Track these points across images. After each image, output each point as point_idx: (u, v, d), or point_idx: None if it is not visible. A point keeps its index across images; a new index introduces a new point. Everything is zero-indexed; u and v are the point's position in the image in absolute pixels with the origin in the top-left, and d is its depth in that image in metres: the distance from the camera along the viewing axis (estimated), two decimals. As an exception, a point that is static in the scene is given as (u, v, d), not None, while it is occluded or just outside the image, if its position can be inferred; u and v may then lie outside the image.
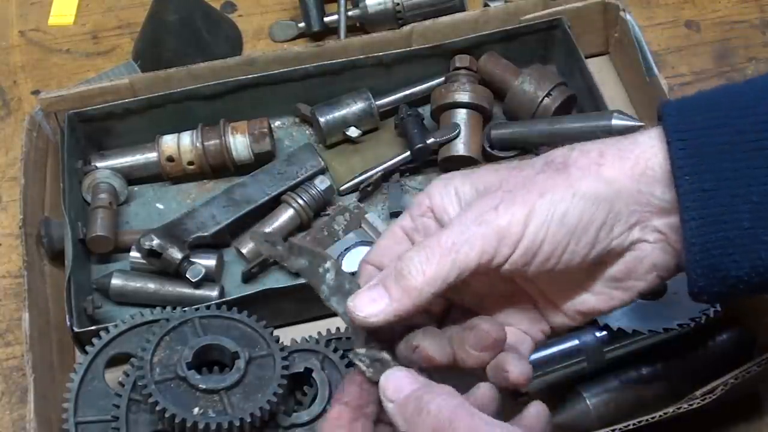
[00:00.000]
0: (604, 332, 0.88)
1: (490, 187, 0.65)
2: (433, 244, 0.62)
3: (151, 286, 0.98)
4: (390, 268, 0.63)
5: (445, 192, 0.67)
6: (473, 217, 0.62)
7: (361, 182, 1.07)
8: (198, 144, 1.07)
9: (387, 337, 0.65)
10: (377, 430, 0.65)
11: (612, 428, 0.79)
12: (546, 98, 1.08)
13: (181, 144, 1.08)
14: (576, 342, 0.88)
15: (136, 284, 0.98)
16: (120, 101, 1.08)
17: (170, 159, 1.07)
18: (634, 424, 0.79)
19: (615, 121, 1.01)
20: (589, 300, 0.67)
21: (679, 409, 0.80)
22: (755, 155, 0.59)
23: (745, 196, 0.59)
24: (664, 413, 0.80)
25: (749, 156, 0.60)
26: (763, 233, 0.59)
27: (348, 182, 1.08)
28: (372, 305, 0.62)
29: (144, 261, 0.98)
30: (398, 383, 0.62)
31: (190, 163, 1.08)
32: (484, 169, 0.68)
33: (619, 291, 0.66)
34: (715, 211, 0.60)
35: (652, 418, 0.80)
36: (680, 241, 0.62)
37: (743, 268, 0.60)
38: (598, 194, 0.62)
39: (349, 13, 1.22)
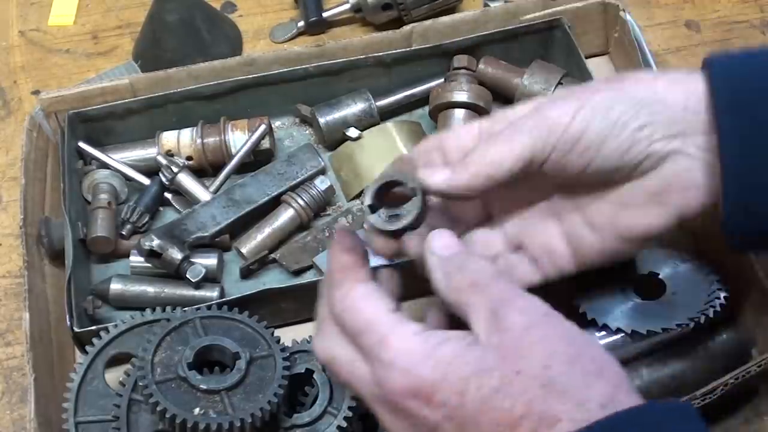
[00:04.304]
0: (604, 332, 0.88)
1: None
2: (495, 136, 0.68)
3: (150, 289, 0.98)
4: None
5: None
6: (531, 111, 0.68)
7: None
8: (198, 140, 1.07)
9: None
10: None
11: (612, 428, 0.79)
12: (555, 91, 1.08)
13: (180, 139, 1.08)
14: (576, 342, 0.88)
15: (136, 289, 0.98)
16: (120, 101, 1.08)
17: (170, 153, 1.07)
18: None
19: None
20: (623, 215, 0.69)
21: (679, 409, 0.80)
22: None
23: None
24: (664, 413, 0.80)
25: None
26: None
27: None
28: (434, 175, 0.68)
29: (144, 264, 0.98)
30: (448, 241, 0.66)
31: (189, 158, 1.08)
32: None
33: (656, 206, 0.68)
34: (756, 151, 0.63)
35: (652, 418, 0.80)
36: (701, 158, 0.66)
37: None
38: (646, 99, 0.66)
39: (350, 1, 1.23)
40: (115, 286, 0.98)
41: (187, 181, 1.05)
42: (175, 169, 1.05)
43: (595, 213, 0.71)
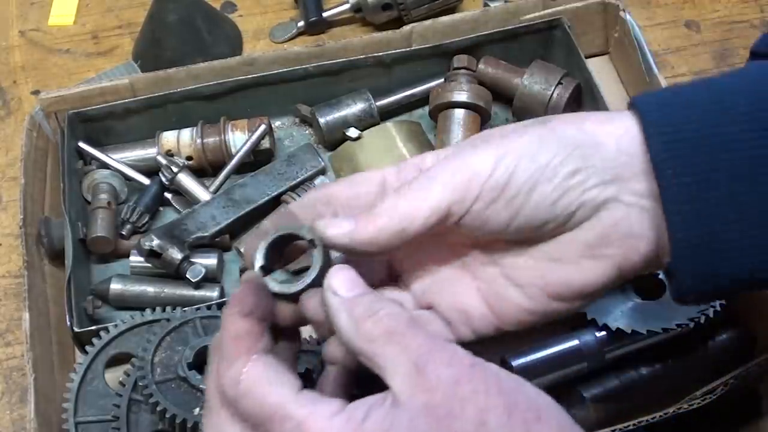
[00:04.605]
0: (604, 332, 0.88)
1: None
2: (406, 186, 0.60)
3: (150, 289, 0.98)
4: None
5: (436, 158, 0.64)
6: (449, 157, 0.60)
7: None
8: (197, 140, 1.07)
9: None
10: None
11: (612, 428, 0.79)
12: (556, 91, 1.08)
13: (180, 139, 1.08)
14: (576, 342, 0.88)
15: (136, 289, 0.98)
16: (120, 101, 1.08)
17: (169, 153, 1.08)
18: (634, 425, 0.79)
19: None
20: (554, 272, 0.62)
21: (679, 409, 0.80)
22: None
23: (731, 189, 0.57)
24: (664, 413, 0.80)
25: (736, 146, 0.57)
26: (749, 227, 0.57)
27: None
28: (335, 227, 0.59)
29: (144, 264, 0.98)
30: (351, 279, 0.58)
31: (189, 158, 1.08)
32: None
33: (592, 260, 0.61)
34: (704, 205, 0.57)
35: (652, 418, 0.80)
36: (660, 210, 0.58)
37: (733, 267, 0.58)
38: (577, 140, 0.59)
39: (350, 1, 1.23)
40: (115, 286, 0.98)
41: (187, 181, 1.05)
42: (175, 169, 1.05)
43: (520, 271, 0.63)
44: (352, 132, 1.09)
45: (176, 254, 0.96)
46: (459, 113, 1.08)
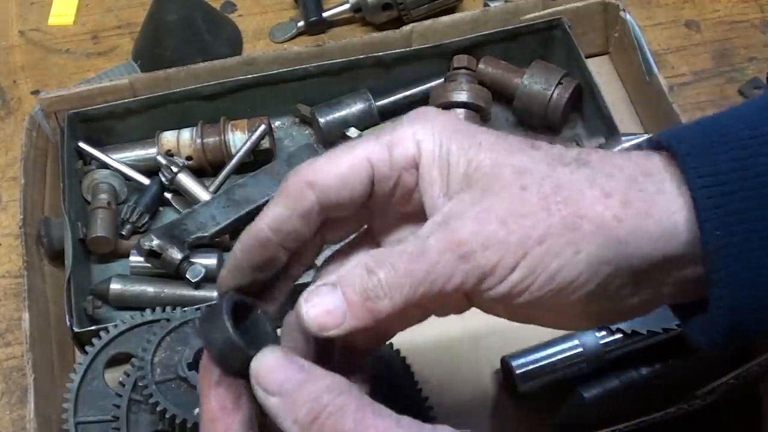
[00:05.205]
0: (603, 332, 0.88)
1: (485, 185, 0.56)
2: (406, 266, 0.55)
3: (150, 289, 0.98)
4: (353, 274, 0.56)
5: (438, 157, 0.58)
6: (456, 245, 0.54)
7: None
8: (197, 140, 1.07)
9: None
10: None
11: (612, 428, 0.79)
12: (556, 91, 1.08)
13: (180, 139, 1.08)
14: (576, 342, 0.88)
15: (135, 289, 0.98)
16: (120, 101, 1.08)
17: (169, 153, 1.08)
18: (634, 425, 0.79)
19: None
20: (530, 309, 0.59)
21: (679, 409, 0.80)
22: None
23: None
24: (664, 413, 0.80)
25: None
26: None
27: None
28: (328, 316, 0.55)
29: (144, 264, 0.98)
30: (282, 365, 0.54)
31: (189, 158, 1.08)
32: (484, 144, 0.57)
33: (566, 317, 0.59)
34: (743, 267, 0.53)
35: (653, 418, 0.80)
36: (674, 291, 0.57)
37: (765, 323, 0.55)
38: (603, 258, 0.54)
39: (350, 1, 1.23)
40: (115, 286, 0.98)
41: (186, 181, 1.05)
42: (174, 169, 1.05)
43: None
44: (352, 132, 1.09)
45: (176, 254, 0.96)
46: (459, 113, 1.08)
